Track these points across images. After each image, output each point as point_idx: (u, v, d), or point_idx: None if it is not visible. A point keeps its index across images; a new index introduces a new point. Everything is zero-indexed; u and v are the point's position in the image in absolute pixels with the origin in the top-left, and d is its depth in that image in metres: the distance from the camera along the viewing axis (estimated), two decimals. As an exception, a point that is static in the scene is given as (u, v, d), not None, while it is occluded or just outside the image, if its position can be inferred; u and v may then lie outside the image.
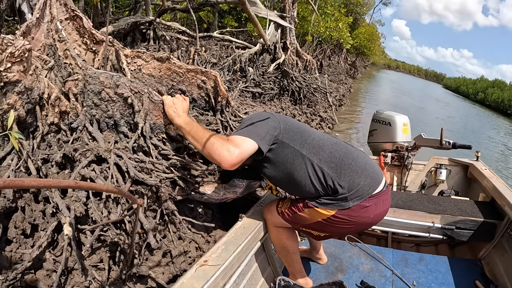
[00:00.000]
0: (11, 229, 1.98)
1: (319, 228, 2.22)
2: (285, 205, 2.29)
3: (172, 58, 2.76)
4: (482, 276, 2.88)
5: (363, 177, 2.06)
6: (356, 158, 2.12)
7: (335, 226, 2.13)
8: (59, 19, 2.80)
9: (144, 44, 7.30)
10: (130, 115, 2.33)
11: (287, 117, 2.27)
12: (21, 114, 2.14)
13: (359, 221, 2.10)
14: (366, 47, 31.49)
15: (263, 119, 2.10)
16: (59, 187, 0.99)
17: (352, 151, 2.15)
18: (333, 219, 2.08)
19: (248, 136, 1.97)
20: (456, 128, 19.18)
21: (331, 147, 2.11)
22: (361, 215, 2.07)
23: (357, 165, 2.08)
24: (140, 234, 2.17)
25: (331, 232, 2.27)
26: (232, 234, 2.21)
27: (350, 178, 2.03)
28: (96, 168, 2.18)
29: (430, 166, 4.50)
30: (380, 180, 2.14)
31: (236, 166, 1.93)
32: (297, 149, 2.07)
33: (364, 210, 2.06)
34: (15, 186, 0.79)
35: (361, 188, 2.04)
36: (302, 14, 16.28)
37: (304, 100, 9.49)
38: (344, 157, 2.08)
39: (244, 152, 1.92)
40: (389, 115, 4.89)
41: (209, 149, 1.94)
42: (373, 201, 2.07)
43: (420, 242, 3.63)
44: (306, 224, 2.22)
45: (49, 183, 0.90)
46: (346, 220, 2.08)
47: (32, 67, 2.20)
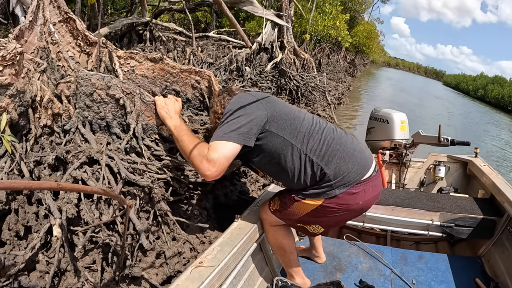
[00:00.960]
0: (4, 231, 1.98)
1: (311, 220, 2.22)
2: (276, 204, 2.29)
3: (165, 58, 2.76)
4: (482, 274, 2.87)
5: (350, 163, 2.03)
6: (344, 144, 2.08)
7: (326, 216, 2.13)
8: (52, 22, 2.80)
9: (140, 45, 7.29)
10: (122, 116, 2.33)
11: (275, 101, 2.20)
12: (14, 117, 2.14)
13: (348, 208, 2.08)
14: (365, 45, 31.45)
15: (246, 112, 2.02)
16: (40, 188, 0.99)
17: (341, 137, 2.11)
18: (321, 209, 2.07)
19: (229, 139, 1.92)
20: (455, 125, 19.17)
21: (320, 134, 2.07)
22: (350, 202, 2.05)
23: (345, 152, 2.04)
24: (132, 235, 2.17)
25: (324, 223, 2.26)
26: (228, 235, 2.20)
27: (336, 166, 2.00)
28: (88, 170, 2.18)
29: (428, 163, 4.50)
30: (369, 166, 2.10)
31: (218, 177, 1.96)
32: (287, 138, 2.03)
33: (352, 196, 2.04)
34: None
35: (348, 175, 2.01)
36: (300, 13, 16.27)
37: (302, 99, 9.47)
38: (332, 143, 2.05)
39: (223, 162, 1.91)
40: (386, 113, 4.89)
41: (191, 161, 2.00)
42: (361, 187, 2.04)
43: (419, 240, 3.63)
44: (297, 218, 2.21)
45: (30, 185, 0.90)
46: (335, 209, 2.06)
47: (24, 70, 2.20)
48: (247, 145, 1.97)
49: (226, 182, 3.01)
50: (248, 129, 1.97)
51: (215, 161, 1.88)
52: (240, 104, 2.06)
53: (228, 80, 7.56)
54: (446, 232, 3.14)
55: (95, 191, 1.53)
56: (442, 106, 28.37)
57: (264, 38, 9.41)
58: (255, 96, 2.16)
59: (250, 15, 12.71)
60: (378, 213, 3.20)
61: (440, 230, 3.17)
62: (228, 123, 1.98)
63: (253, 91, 2.37)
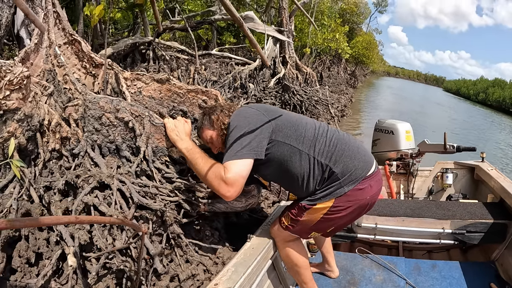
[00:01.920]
0: (15, 258, 1.95)
1: (325, 225, 2.22)
2: (287, 219, 2.27)
3: (172, 79, 2.74)
4: (496, 278, 2.84)
5: (356, 160, 2.07)
6: (348, 143, 2.13)
7: (338, 216, 2.13)
8: (58, 44, 2.80)
9: (144, 64, 7.31)
10: (132, 139, 2.31)
11: (275, 110, 2.23)
12: (22, 142, 2.12)
13: (358, 204, 2.10)
14: (364, 56, 31.58)
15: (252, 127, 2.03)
16: (59, 223, 0.96)
17: (344, 137, 2.17)
18: (333, 209, 2.09)
19: (241, 157, 1.95)
20: (460, 131, 19.09)
21: (325, 136, 2.11)
22: (358, 197, 2.08)
23: (350, 150, 2.09)
24: (146, 259, 2.14)
25: (337, 224, 2.26)
26: (241, 256, 2.17)
27: (344, 164, 2.04)
28: (99, 195, 2.15)
29: (436, 171, 4.46)
30: (372, 162, 2.16)
31: (238, 195, 1.98)
32: (294, 145, 2.06)
33: (360, 192, 2.07)
34: (14, 226, 0.76)
35: (355, 172, 2.05)
36: (300, 27, 16.35)
37: (306, 113, 9.47)
38: (338, 144, 2.09)
39: (240, 180, 1.94)
40: (391, 124, 4.87)
41: (209, 184, 2.03)
42: (367, 182, 2.08)
43: (432, 248, 3.58)
44: (311, 226, 2.21)
45: (49, 220, 0.87)
46: (345, 207, 2.09)
47: (32, 94, 2.18)
48: (259, 158, 1.99)
49: (237, 201, 2.97)
50: (257, 143, 1.99)
51: (233, 181, 1.91)
52: (243, 119, 2.07)
53: (233, 97, 7.56)
54: (458, 239, 3.10)
55: (112, 221, 1.50)
56: (444, 113, 28.35)
57: (266, 54, 9.43)
58: (255, 108, 2.18)
59: (251, 31, 12.77)
60: (389, 225, 3.18)
61: (452, 238, 3.14)
62: (236, 142, 1.99)
63: (251, 104, 2.37)
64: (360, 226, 3.19)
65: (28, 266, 1.99)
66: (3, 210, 1.96)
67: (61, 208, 2.11)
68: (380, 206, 3.27)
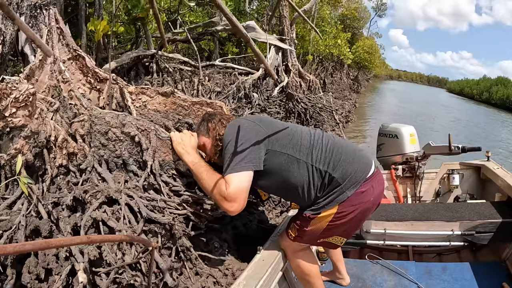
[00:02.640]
0: (25, 274, 1.94)
1: (332, 232, 2.20)
2: (294, 230, 2.26)
3: (176, 92, 2.75)
4: (508, 277, 2.81)
5: (355, 163, 2.07)
6: (344, 147, 2.13)
7: (343, 222, 2.11)
8: (62, 60, 2.82)
9: (148, 77, 7.32)
10: (139, 153, 2.32)
11: (268, 120, 2.25)
12: (29, 158, 2.13)
13: (362, 207, 2.09)
14: (366, 60, 31.57)
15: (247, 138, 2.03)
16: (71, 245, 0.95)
17: (339, 142, 2.17)
18: (338, 216, 2.07)
19: (240, 170, 1.95)
20: (464, 131, 18.96)
21: (321, 143, 2.11)
22: (362, 200, 2.07)
23: (347, 154, 2.09)
24: (156, 273, 2.13)
25: (344, 231, 2.24)
26: (252, 268, 2.16)
27: (343, 168, 2.04)
28: (108, 210, 2.16)
29: (442, 173, 4.44)
30: (371, 163, 2.15)
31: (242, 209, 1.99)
32: (291, 154, 2.06)
33: (363, 195, 2.06)
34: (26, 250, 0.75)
35: (355, 175, 2.04)
36: (301, 34, 16.39)
37: (311, 120, 9.44)
38: (334, 149, 2.09)
39: (242, 194, 1.95)
40: (395, 128, 4.87)
41: (212, 198, 2.07)
42: (368, 184, 2.07)
43: (441, 251, 3.55)
44: (319, 235, 2.19)
45: (61, 242, 0.86)
46: (350, 211, 2.07)
47: (38, 110, 2.19)
48: (258, 169, 2.00)
49: (244, 212, 2.96)
50: (254, 154, 2.00)
51: (234, 196, 1.92)
52: (238, 131, 2.06)
53: (238, 108, 7.57)
54: (467, 240, 3.09)
55: (123, 239, 1.50)
56: (448, 114, 28.20)
57: (269, 63, 9.45)
58: (249, 119, 2.18)
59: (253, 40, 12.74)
60: (398, 230, 3.17)
61: (461, 239, 3.12)
62: (233, 154, 1.99)
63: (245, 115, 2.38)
64: (369, 232, 3.17)
65: (38, 282, 1.98)
66: (12, 227, 1.97)
67: (69, 224, 2.12)
68: (388, 211, 3.26)
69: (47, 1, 3.07)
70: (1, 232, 1.95)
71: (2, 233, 1.95)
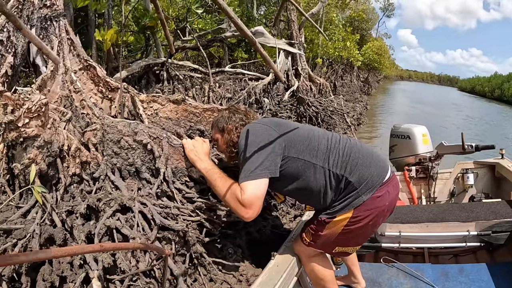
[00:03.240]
0: (39, 282, 1.95)
1: (347, 237, 2.16)
2: (308, 235, 2.25)
3: (187, 99, 2.76)
4: None
5: (372, 168, 2.05)
6: (361, 150, 2.11)
7: (359, 226, 2.08)
8: (73, 70, 2.84)
9: (158, 85, 7.36)
10: (151, 161, 2.32)
11: (285, 124, 2.21)
12: (43, 168, 2.15)
13: (377, 212, 2.06)
14: (376, 62, 31.39)
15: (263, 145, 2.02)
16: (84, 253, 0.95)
17: (356, 145, 2.15)
18: (353, 220, 2.05)
19: (256, 177, 1.94)
20: (477, 130, 18.73)
21: (338, 147, 2.09)
22: (377, 205, 2.04)
23: (364, 158, 2.07)
24: (170, 280, 2.13)
25: (359, 236, 2.21)
26: (266, 274, 2.15)
27: (360, 173, 2.02)
28: (121, 218, 2.16)
29: (456, 173, 4.41)
30: (388, 168, 2.14)
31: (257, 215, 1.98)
32: (307, 160, 2.05)
33: (379, 200, 2.04)
34: (40, 258, 0.75)
35: (371, 180, 2.02)
36: (310, 38, 16.37)
37: (323, 124, 9.41)
38: (351, 153, 2.07)
39: (257, 201, 1.94)
40: (407, 128, 4.84)
41: (227, 204, 2.05)
42: (384, 189, 2.05)
43: (457, 252, 3.51)
44: (333, 240, 2.17)
45: (73, 250, 0.86)
46: (365, 216, 2.04)
47: (50, 120, 2.22)
48: (274, 176, 1.98)
49: (258, 217, 2.94)
50: (270, 161, 1.98)
51: (250, 203, 1.91)
52: (254, 137, 2.05)
53: (249, 113, 7.54)
54: (484, 240, 3.05)
55: (136, 246, 1.50)
56: (460, 112, 27.91)
57: (279, 68, 9.44)
58: (266, 124, 2.15)
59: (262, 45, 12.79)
60: (413, 232, 3.13)
61: (478, 240, 3.08)
62: (249, 161, 1.98)
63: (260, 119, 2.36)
64: (383, 235, 3.14)
65: (52, 290, 1.99)
66: (26, 235, 1.98)
67: (83, 231, 2.13)
68: (403, 213, 3.22)
69: (57, 13, 3.11)
70: (15, 241, 1.97)
71: (16, 242, 1.97)
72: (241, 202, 1.92)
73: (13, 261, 0.74)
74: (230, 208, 2.03)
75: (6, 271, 1.86)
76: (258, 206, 1.94)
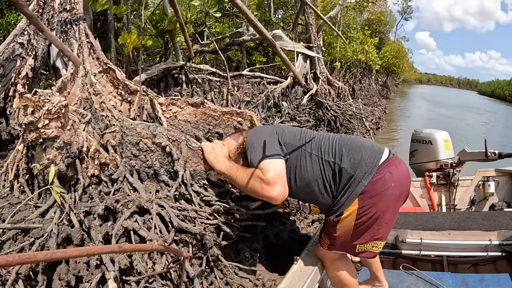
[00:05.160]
0: (55, 281, 1.97)
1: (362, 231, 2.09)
2: (325, 239, 2.22)
3: (206, 102, 2.75)
4: None
5: (362, 151, 2.05)
6: (350, 139, 2.17)
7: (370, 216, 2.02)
8: (93, 73, 2.87)
9: (177, 88, 7.42)
10: (170, 163, 2.32)
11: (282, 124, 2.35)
12: (62, 169, 2.18)
13: (384, 196, 1.99)
14: (394, 65, 31.12)
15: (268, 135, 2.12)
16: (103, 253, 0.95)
17: (346, 136, 2.22)
18: (361, 211, 2.00)
19: (271, 158, 1.98)
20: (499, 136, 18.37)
21: (328, 138, 2.16)
22: (382, 188, 1.98)
23: (353, 144, 2.10)
24: (186, 283, 2.11)
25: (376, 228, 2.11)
26: (289, 279, 2.11)
27: (350, 158, 2.03)
28: (139, 219, 2.17)
29: (477, 180, 4.31)
30: (382, 150, 2.11)
31: (285, 193, 1.99)
32: (303, 148, 2.11)
33: (381, 182, 1.98)
34: (57, 258, 0.74)
35: (364, 162, 2.00)
36: (328, 41, 16.31)
37: (341, 128, 9.34)
38: (339, 141, 2.12)
39: (281, 177, 1.96)
40: (428, 133, 4.75)
41: (252, 191, 2.02)
42: (384, 170, 2.00)
43: (478, 261, 3.43)
44: (350, 238, 2.11)
45: (92, 251, 0.85)
46: (373, 204, 1.98)
47: (70, 122, 2.24)
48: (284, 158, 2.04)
49: (276, 221, 2.93)
50: (277, 145, 2.07)
51: (274, 179, 1.92)
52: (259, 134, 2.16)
53: (268, 117, 7.56)
54: (505, 250, 2.95)
55: (154, 248, 1.49)
56: (481, 117, 27.43)
57: (297, 71, 9.41)
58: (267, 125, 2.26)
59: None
60: (435, 240, 3.06)
61: (499, 250, 2.98)
62: (259, 147, 2.03)
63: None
64: (404, 242, 3.08)
65: (68, 289, 2.01)
66: (44, 235, 2.01)
67: (101, 232, 2.14)
68: (424, 220, 3.16)
69: (77, 17, 3.15)
70: (33, 239, 2.00)
71: (34, 241, 2.00)
72: (265, 182, 1.91)
73: (31, 260, 0.73)
74: (255, 194, 2.00)
75: (23, 270, 1.89)
76: (283, 182, 1.95)
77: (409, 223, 3.04)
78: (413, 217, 3.18)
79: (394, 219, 2.20)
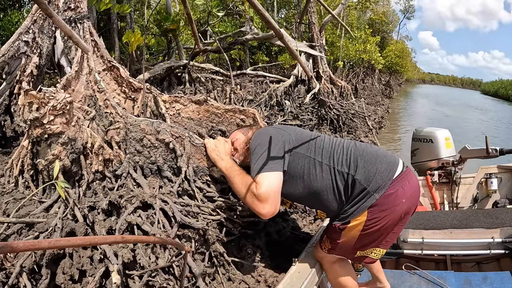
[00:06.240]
0: (59, 275, 2.00)
1: (366, 241, 2.09)
2: (327, 243, 2.21)
3: (209, 100, 2.77)
4: None
5: (378, 164, 1.99)
6: (365, 149, 2.08)
7: (377, 230, 2.00)
8: (97, 71, 2.89)
9: (180, 87, 7.44)
10: (173, 159, 2.34)
11: (292, 127, 2.26)
12: (66, 164, 2.21)
13: (394, 211, 1.96)
14: (397, 65, 31.00)
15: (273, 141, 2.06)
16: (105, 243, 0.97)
17: (361, 145, 2.13)
18: (369, 223, 1.97)
19: (269, 170, 1.95)
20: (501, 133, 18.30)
21: (342, 147, 2.08)
22: (393, 204, 1.95)
23: (368, 155, 2.03)
24: (188, 278, 2.14)
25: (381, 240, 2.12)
26: (287, 280, 2.12)
27: (365, 170, 1.97)
28: (142, 214, 2.18)
29: (479, 178, 4.29)
30: (397, 163, 2.05)
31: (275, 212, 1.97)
32: (313, 157, 2.05)
33: (393, 197, 1.95)
34: (61, 246, 0.76)
35: (379, 175, 1.95)
36: (331, 41, 16.30)
37: (344, 127, 9.34)
38: (354, 151, 2.05)
39: (274, 195, 1.93)
40: (429, 132, 4.74)
41: (245, 202, 2.04)
42: (397, 185, 1.96)
43: (481, 259, 3.42)
44: (353, 246, 2.10)
45: (95, 240, 0.87)
46: (381, 217, 1.96)
47: (75, 118, 2.26)
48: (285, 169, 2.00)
49: (278, 218, 2.95)
50: (281, 155, 2.01)
51: (265, 197, 1.90)
52: (265, 137, 2.09)
53: (270, 115, 7.58)
54: (508, 248, 2.93)
55: (156, 240, 1.51)
56: (483, 116, 27.35)
57: (300, 70, 9.42)
58: (274, 126, 2.25)
59: (282, 48, 12.84)
60: (436, 238, 3.05)
61: (502, 247, 2.96)
62: (260, 156, 1.99)
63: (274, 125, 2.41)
64: (406, 241, 3.07)
65: (72, 283, 2.03)
66: (48, 229, 2.04)
67: (104, 227, 2.17)
68: (426, 219, 3.15)
69: (81, 15, 3.17)
70: (37, 234, 2.03)
71: (38, 235, 2.03)
72: (257, 197, 1.91)
73: (35, 247, 0.75)
74: (247, 205, 2.01)
75: (27, 263, 1.92)
76: (275, 200, 1.93)
77: (410, 222, 3.05)
78: (415, 216, 3.17)
79: (400, 230, 2.20)
